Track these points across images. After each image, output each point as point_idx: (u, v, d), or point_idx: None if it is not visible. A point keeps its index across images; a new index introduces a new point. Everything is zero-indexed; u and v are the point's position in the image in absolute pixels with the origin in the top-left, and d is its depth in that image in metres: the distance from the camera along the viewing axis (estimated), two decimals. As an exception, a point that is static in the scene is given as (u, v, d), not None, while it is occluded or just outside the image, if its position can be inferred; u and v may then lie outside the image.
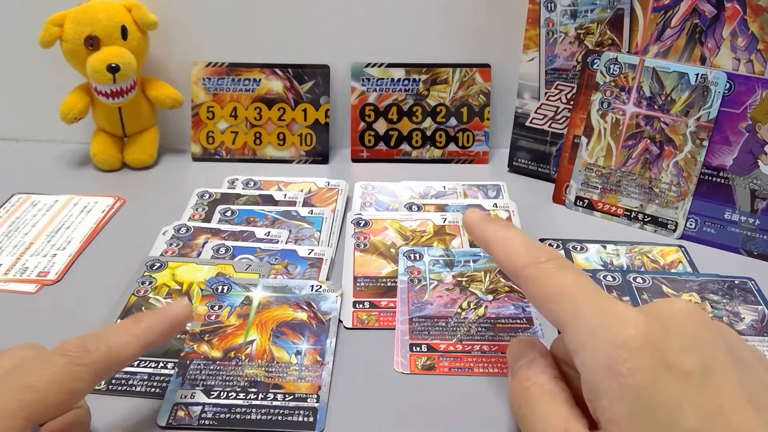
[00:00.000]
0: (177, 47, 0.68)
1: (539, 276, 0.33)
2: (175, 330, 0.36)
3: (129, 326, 0.34)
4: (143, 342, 0.34)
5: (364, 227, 0.55)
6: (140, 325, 0.35)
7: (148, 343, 0.34)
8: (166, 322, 0.35)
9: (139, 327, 0.34)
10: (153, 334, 0.35)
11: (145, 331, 0.34)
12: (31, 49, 0.63)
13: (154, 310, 0.36)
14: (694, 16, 0.55)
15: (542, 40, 0.61)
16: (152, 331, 0.35)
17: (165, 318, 0.36)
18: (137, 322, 0.35)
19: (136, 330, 0.34)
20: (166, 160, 0.69)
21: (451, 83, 0.67)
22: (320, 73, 0.68)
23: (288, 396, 0.38)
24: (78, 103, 0.64)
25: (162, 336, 0.35)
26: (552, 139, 0.64)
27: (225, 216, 0.57)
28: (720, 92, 0.52)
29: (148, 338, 0.34)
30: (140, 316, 0.35)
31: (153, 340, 0.35)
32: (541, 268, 0.33)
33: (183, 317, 0.36)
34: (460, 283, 0.48)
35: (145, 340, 0.34)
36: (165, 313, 0.36)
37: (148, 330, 0.34)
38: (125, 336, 0.34)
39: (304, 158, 0.68)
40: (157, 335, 0.35)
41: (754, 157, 0.52)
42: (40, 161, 0.68)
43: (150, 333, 0.34)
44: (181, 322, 0.36)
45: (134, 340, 0.34)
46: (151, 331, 0.35)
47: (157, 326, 0.35)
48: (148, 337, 0.34)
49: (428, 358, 0.42)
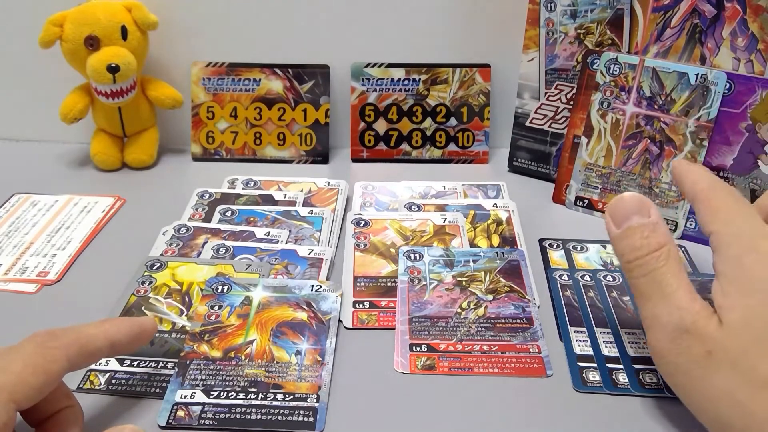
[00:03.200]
0: (177, 47, 0.68)
1: (709, 197, 0.38)
2: (141, 340, 0.38)
3: (98, 323, 0.36)
4: (110, 338, 0.36)
5: (364, 227, 0.55)
6: (109, 323, 0.37)
7: (115, 341, 0.36)
8: (133, 329, 0.37)
9: (107, 324, 0.36)
10: (119, 333, 0.36)
11: (113, 329, 0.36)
12: (31, 49, 0.63)
13: (123, 317, 0.39)
14: (694, 16, 0.55)
15: (542, 40, 0.61)
16: (119, 330, 0.36)
17: (133, 324, 0.37)
18: (106, 321, 0.37)
19: (104, 326, 0.36)
20: (166, 160, 0.69)
21: (451, 83, 0.67)
22: (320, 73, 0.68)
23: (288, 396, 0.38)
24: (78, 103, 0.64)
25: (128, 339, 0.37)
26: (552, 139, 0.64)
27: (225, 216, 0.57)
28: (720, 92, 0.52)
29: (114, 336, 0.36)
30: (109, 318, 0.38)
31: (119, 339, 0.36)
32: (715, 191, 0.38)
33: (149, 329, 0.38)
34: (460, 282, 0.48)
35: (112, 337, 0.36)
36: (133, 320, 0.38)
37: (116, 328, 0.36)
38: (93, 328, 0.36)
39: (304, 158, 0.68)
40: (123, 336, 0.36)
41: (754, 157, 0.52)
42: (40, 161, 0.68)
43: (117, 332, 0.36)
44: (147, 333, 0.38)
45: (102, 334, 0.35)
46: (118, 330, 0.36)
47: (124, 328, 0.37)
48: (115, 335, 0.36)
49: (428, 358, 0.42)
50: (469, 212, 0.57)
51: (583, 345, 0.43)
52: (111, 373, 0.40)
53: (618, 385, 0.40)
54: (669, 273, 0.36)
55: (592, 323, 0.45)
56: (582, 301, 0.47)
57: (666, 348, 0.35)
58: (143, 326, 0.38)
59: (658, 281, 0.36)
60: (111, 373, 0.40)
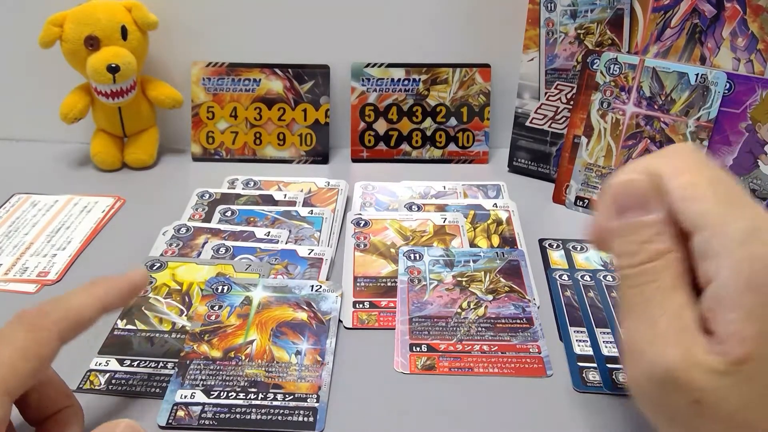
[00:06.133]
0: (177, 47, 0.68)
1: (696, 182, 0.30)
2: (132, 295, 0.37)
3: (87, 287, 0.35)
4: (102, 302, 0.35)
5: (364, 227, 0.55)
6: (98, 286, 0.35)
7: (107, 303, 0.35)
8: (124, 286, 0.36)
9: (97, 288, 0.35)
10: (110, 296, 0.35)
11: (103, 292, 0.35)
12: (31, 49, 0.63)
13: (112, 276, 0.37)
14: (694, 16, 0.55)
15: (542, 40, 0.61)
16: (109, 293, 0.35)
17: (122, 282, 0.36)
18: (95, 285, 0.35)
19: (95, 291, 0.35)
20: (166, 160, 0.69)
21: (451, 83, 0.67)
22: (320, 73, 0.68)
23: (288, 396, 0.38)
24: (78, 103, 0.64)
25: (120, 299, 0.36)
26: (552, 139, 0.64)
27: (225, 216, 0.57)
28: (720, 92, 0.52)
29: (106, 299, 0.35)
30: (97, 279, 0.36)
31: (111, 301, 0.35)
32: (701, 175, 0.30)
33: (140, 283, 0.37)
34: (460, 283, 0.48)
35: (104, 301, 0.35)
36: (122, 277, 0.36)
37: (106, 291, 0.35)
38: (83, 296, 0.34)
39: (304, 158, 0.68)
40: (115, 297, 0.35)
41: (754, 157, 0.52)
42: (40, 161, 0.68)
43: (107, 294, 0.35)
44: (138, 287, 0.37)
45: (93, 301, 0.34)
46: (108, 293, 0.35)
47: (115, 289, 0.36)
48: (106, 298, 0.35)
49: (428, 358, 0.42)
50: (469, 212, 0.57)
51: (583, 345, 0.43)
52: (111, 373, 0.40)
53: (618, 385, 0.40)
54: (662, 293, 0.29)
55: (592, 323, 0.45)
56: (582, 301, 0.47)
57: (643, 386, 0.29)
58: (133, 281, 0.36)
59: (647, 300, 0.29)
60: (111, 373, 0.40)
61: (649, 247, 0.30)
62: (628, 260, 0.30)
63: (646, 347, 0.28)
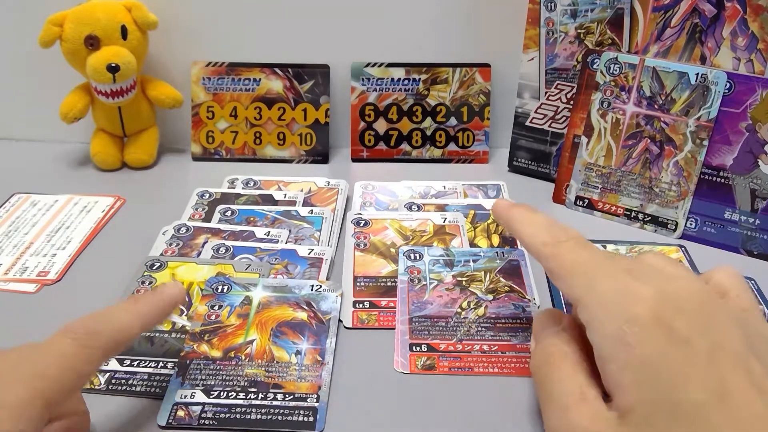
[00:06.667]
0: (177, 47, 0.68)
1: (558, 253, 0.35)
2: (171, 310, 0.37)
3: (131, 306, 0.35)
4: (145, 321, 0.35)
5: (364, 227, 0.55)
6: (140, 305, 0.36)
7: (148, 322, 0.36)
8: (164, 302, 0.37)
9: (140, 306, 0.36)
10: (152, 313, 0.36)
11: (145, 309, 0.35)
12: (31, 49, 0.63)
13: (150, 292, 0.37)
14: (694, 15, 0.55)
15: (542, 39, 0.61)
16: (151, 310, 0.36)
17: (162, 297, 0.37)
18: (137, 302, 0.36)
19: (138, 309, 0.35)
20: (166, 160, 0.69)
21: (451, 83, 0.67)
22: (320, 72, 0.68)
23: (288, 396, 0.38)
24: (78, 103, 0.64)
25: (159, 316, 0.37)
26: (552, 138, 0.64)
27: (225, 216, 0.57)
28: (720, 92, 0.52)
29: (147, 317, 0.35)
30: (138, 297, 0.37)
31: (152, 319, 0.36)
32: (561, 245, 0.35)
33: (178, 297, 0.38)
34: (460, 282, 0.48)
35: (146, 319, 0.35)
36: (161, 292, 0.37)
37: (148, 309, 0.36)
38: (128, 316, 0.35)
39: (304, 158, 0.68)
40: (155, 315, 0.36)
41: (755, 157, 0.52)
42: (40, 161, 0.68)
43: (149, 312, 0.36)
44: (176, 302, 0.38)
45: (137, 320, 0.35)
46: (149, 311, 0.36)
47: (156, 306, 0.36)
48: (147, 315, 0.35)
49: (428, 357, 0.42)
50: (469, 212, 0.57)
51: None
52: (111, 373, 0.40)
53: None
54: (565, 378, 0.32)
55: (592, 323, 0.45)
56: (582, 301, 0.47)
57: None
58: (172, 297, 0.37)
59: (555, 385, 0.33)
60: (111, 373, 0.40)
61: (556, 340, 0.34)
62: (547, 350, 0.34)
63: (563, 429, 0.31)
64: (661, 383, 0.28)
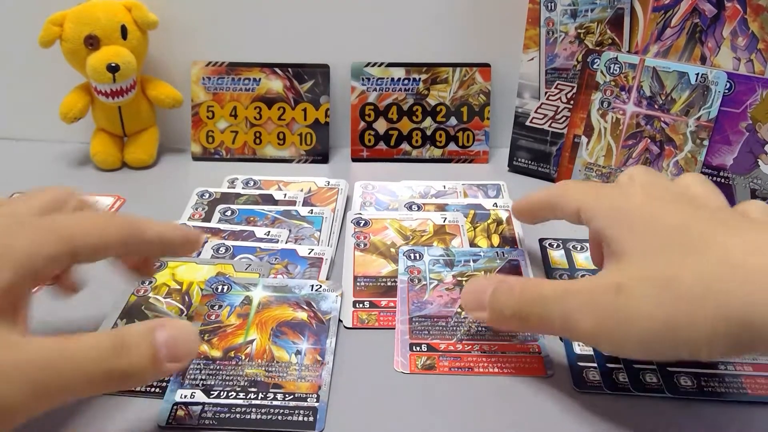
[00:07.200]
0: (177, 47, 0.68)
1: (564, 184, 0.44)
2: (190, 245, 0.40)
3: (145, 219, 0.39)
4: (161, 232, 0.39)
5: (364, 227, 0.55)
6: (156, 222, 0.39)
7: (165, 238, 0.39)
8: (181, 231, 0.40)
9: (155, 222, 0.39)
10: (168, 232, 0.39)
11: (162, 226, 0.39)
12: (31, 49, 0.63)
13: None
14: (694, 15, 0.55)
15: (542, 39, 0.61)
16: (168, 228, 0.39)
17: (181, 228, 0.41)
18: (153, 221, 0.39)
19: (153, 222, 0.39)
20: (166, 160, 0.69)
21: (451, 83, 0.67)
22: (320, 72, 0.68)
23: (288, 396, 0.38)
24: (78, 103, 0.64)
25: (179, 240, 0.40)
26: (552, 138, 0.64)
27: (225, 216, 0.57)
28: (720, 92, 0.52)
29: (165, 233, 0.39)
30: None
31: (169, 237, 0.39)
32: (567, 184, 0.44)
33: (198, 239, 0.41)
34: (460, 282, 0.48)
35: (163, 233, 0.39)
36: (180, 226, 0.41)
37: (164, 227, 0.39)
38: (143, 220, 0.39)
39: (304, 158, 0.68)
40: (174, 236, 0.40)
41: (755, 157, 0.52)
42: (40, 161, 0.68)
43: (166, 230, 0.39)
44: (196, 242, 0.41)
45: (153, 226, 0.38)
46: (166, 228, 0.39)
47: (173, 228, 0.40)
48: (165, 231, 0.39)
49: (428, 357, 0.42)
50: (469, 212, 0.57)
51: (583, 345, 0.43)
52: (111, 372, 0.40)
53: (618, 384, 0.40)
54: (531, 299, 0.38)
55: (592, 323, 0.45)
56: (582, 301, 0.47)
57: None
58: (190, 233, 0.40)
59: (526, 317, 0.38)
60: (111, 372, 0.40)
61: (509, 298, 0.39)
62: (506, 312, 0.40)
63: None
64: (644, 222, 0.35)
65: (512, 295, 0.38)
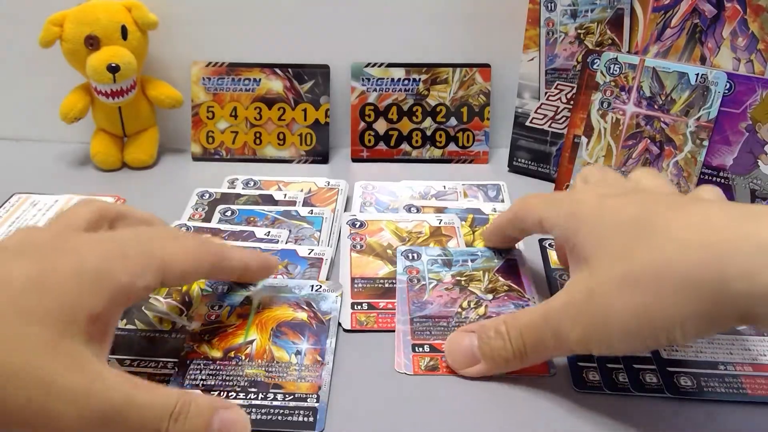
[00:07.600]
0: (177, 47, 0.68)
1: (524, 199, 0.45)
2: (267, 270, 0.46)
3: (230, 246, 0.46)
4: (245, 260, 0.44)
5: (359, 228, 0.55)
6: (241, 248, 0.45)
7: (248, 265, 0.44)
8: (261, 257, 0.45)
9: (240, 248, 0.45)
10: (251, 260, 0.44)
11: (247, 253, 0.44)
12: (31, 49, 0.63)
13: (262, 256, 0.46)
14: (694, 16, 0.55)
15: (542, 40, 0.61)
16: (251, 257, 0.44)
17: (260, 254, 0.46)
18: (236, 247, 0.47)
19: (238, 249, 0.45)
20: (166, 160, 0.69)
21: (451, 83, 0.67)
22: (320, 73, 0.68)
23: (288, 396, 0.38)
24: (78, 103, 0.64)
25: (258, 266, 0.45)
26: (552, 139, 0.64)
27: (225, 216, 0.57)
28: (720, 92, 0.52)
29: (248, 260, 0.44)
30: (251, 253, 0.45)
31: (251, 265, 0.44)
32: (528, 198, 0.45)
33: (274, 263, 0.46)
34: (459, 282, 0.48)
35: (247, 260, 0.44)
36: (259, 252, 0.46)
37: (248, 253, 0.44)
38: (230, 248, 0.43)
39: (304, 158, 0.68)
40: (255, 263, 0.44)
41: (754, 157, 0.52)
42: (40, 161, 0.68)
43: (250, 258, 0.44)
44: (272, 267, 0.46)
45: (238, 254, 0.43)
46: (250, 257, 0.44)
47: (255, 255, 0.45)
48: (248, 259, 0.44)
49: (431, 358, 0.42)
50: (468, 216, 0.57)
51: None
52: (111, 373, 0.40)
53: (618, 384, 0.40)
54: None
55: (592, 323, 0.45)
56: (582, 301, 0.47)
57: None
58: (269, 259, 0.45)
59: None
60: (111, 373, 0.40)
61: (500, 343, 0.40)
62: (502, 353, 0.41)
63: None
64: (601, 223, 0.36)
65: (500, 335, 0.39)
